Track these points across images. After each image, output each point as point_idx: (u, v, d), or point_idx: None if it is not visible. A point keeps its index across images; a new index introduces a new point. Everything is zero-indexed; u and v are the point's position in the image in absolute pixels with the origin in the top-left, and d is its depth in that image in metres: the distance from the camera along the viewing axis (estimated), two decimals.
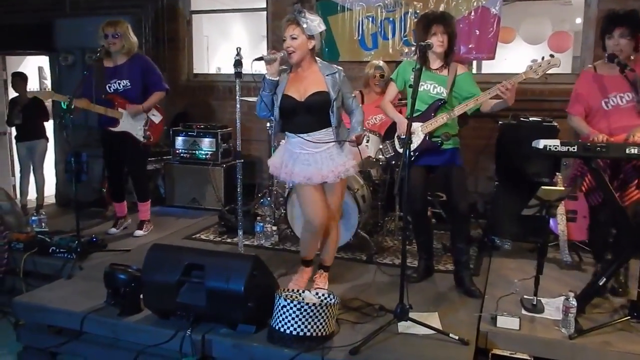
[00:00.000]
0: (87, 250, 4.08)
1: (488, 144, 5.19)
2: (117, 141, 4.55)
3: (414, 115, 3.34)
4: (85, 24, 5.71)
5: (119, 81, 4.48)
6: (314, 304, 2.68)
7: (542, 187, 3.03)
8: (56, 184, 6.36)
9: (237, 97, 3.35)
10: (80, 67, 5.81)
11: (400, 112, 3.90)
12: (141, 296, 3.06)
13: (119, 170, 4.71)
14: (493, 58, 5.48)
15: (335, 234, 3.45)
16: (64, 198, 6.03)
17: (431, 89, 3.35)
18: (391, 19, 5.69)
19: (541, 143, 2.92)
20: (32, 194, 6.24)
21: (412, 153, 3.39)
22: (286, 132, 3.26)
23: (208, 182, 5.54)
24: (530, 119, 4.67)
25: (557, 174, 4.05)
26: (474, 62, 5.89)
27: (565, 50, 7.65)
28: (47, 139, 6.32)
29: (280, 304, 2.72)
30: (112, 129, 4.49)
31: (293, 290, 3.00)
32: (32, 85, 8.15)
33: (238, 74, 3.30)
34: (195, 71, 6.84)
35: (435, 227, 4.78)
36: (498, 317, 3.00)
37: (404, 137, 3.38)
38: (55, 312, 3.19)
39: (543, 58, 3.15)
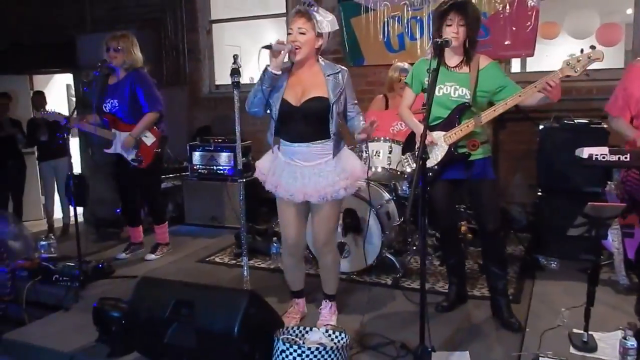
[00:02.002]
0: (92, 278, 3.82)
1: (529, 149, 4.70)
2: (116, 163, 4.31)
3: (435, 123, 2.96)
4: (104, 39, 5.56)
5: (112, 100, 4.21)
6: (317, 349, 2.30)
7: (591, 203, 2.55)
8: None
9: (236, 111, 3.01)
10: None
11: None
12: None
13: (128, 192, 4.44)
14: (532, 55, 4.98)
15: (331, 261, 3.05)
16: (92, 217, 5.87)
17: (452, 91, 2.90)
18: (418, 17, 5.27)
19: (585, 152, 2.46)
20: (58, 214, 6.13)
21: (434, 167, 2.96)
22: (280, 139, 2.91)
23: (227, 199, 5.23)
24: (576, 121, 4.14)
25: (609, 182, 3.51)
26: (516, 60, 5.37)
27: (616, 43, 6.99)
28: (70, 156, 6.18)
29: (278, 348, 2.35)
30: (107, 150, 4.25)
31: (297, 328, 2.61)
32: (62, 103, 8.15)
33: (236, 84, 2.97)
34: (217, 82, 6.60)
35: (471, 243, 4.34)
36: (541, 358, 2.54)
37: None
38: (43, 351, 2.93)
39: (582, 51, 2.67)
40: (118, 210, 4.87)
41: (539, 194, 4.23)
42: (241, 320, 2.35)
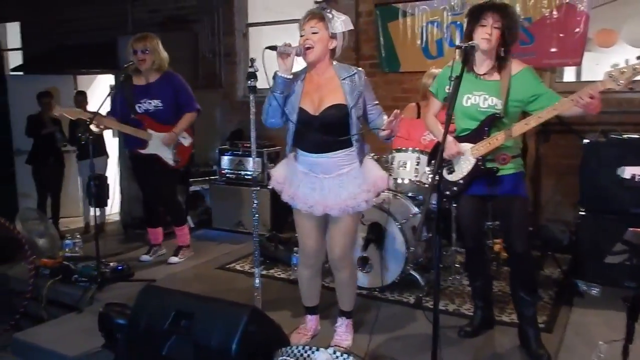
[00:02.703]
0: (110, 280, 3.79)
1: (573, 165, 4.38)
2: (147, 164, 4.26)
3: (463, 134, 2.75)
4: None
5: (150, 101, 4.17)
6: None
7: (631, 229, 2.29)
8: (120, 203, 6.26)
9: (251, 117, 2.89)
10: None
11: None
12: None
13: (151, 193, 4.41)
14: (579, 64, 4.68)
15: (347, 276, 2.88)
16: (127, 216, 5.91)
17: (481, 101, 2.68)
18: (458, 22, 5.03)
19: (627, 171, 2.23)
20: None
21: (459, 182, 2.75)
22: (297, 148, 2.76)
23: (253, 204, 5.12)
24: (624, 135, 3.81)
25: None
26: (570, 69, 5.06)
27: None
28: (107, 156, 6.28)
29: None
30: (141, 151, 4.20)
31: (302, 347, 2.46)
32: (105, 103, 8.29)
33: (252, 89, 2.85)
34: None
35: (506, 262, 4.06)
36: None
37: (449, 160, 2.78)
38: (47, 353, 2.90)
39: (627, 62, 2.39)
40: None
41: (581, 213, 3.92)
42: (240, 338, 2.22)
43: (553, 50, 4.71)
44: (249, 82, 2.82)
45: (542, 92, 2.64)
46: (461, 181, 2.76)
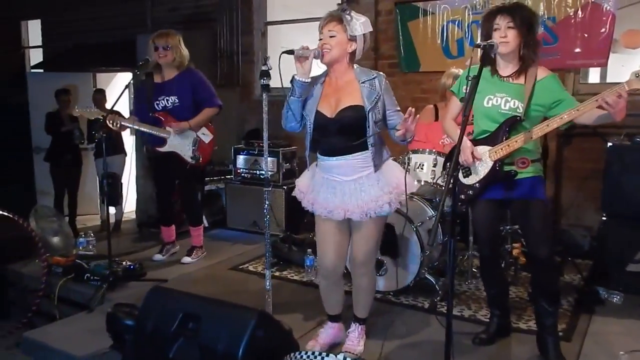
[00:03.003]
0: (122, 279, 3.77)
1: (596, 169, 4.27)
2: (165, 161, 4.24)
3: (481, 137, 2.67)
4: None
5: (167, 97, 4.15)
6: None
7: None
8: (137, 201, 6.27)
9: (264, 116, 2.84)
10: None
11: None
12: None
13: (167, 192, 4.40)
14: (605, 65, 4.53)
15: (367, 283, 2.81)
16: (144, 215, 5.91)
17: (502, 103, 2.60)
18: (480, 21, 4.89)
19: None
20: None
21: (475, 185, 2.67)
22: (317, 154, 2.71)
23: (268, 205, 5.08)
24: None
25: None
26: (595, 71, 4.91)
27: None
28: (125, 154, 6.29)
29: None
30: (160, 149, 4.18)
31: (312, 353, 2.40)
32: (124, 101, 8.35)
33: (265, 87, 2.80)
34: (271, 86, 6.48)
35: (524, 267, 3.95)
36: None
37: (466, 164, 2.69)
38: (56, 353, 2.89)
39: None
40: None
41: (604, 218, 3.80)
42: (247, 343, 2.16)
43: (577, 50, 4.58)
44: (262, 80, 2.78)
45: (564, 98, 2.55)
46: (477, 185, 2.67)
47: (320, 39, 2.57)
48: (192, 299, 2.49)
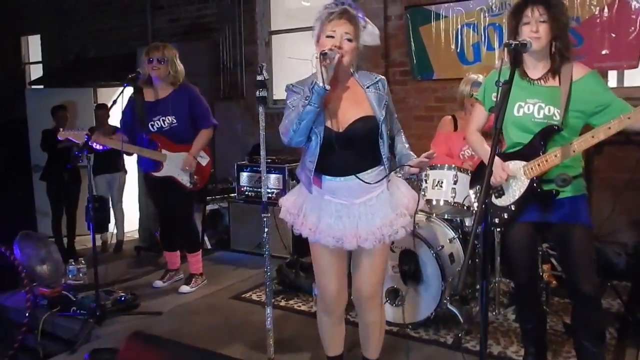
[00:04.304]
0: (112, 313, 3.44)
1: (633, 179, 3.88)
2: (161, 186, 3.91)
3: (514, 150, 2.32)
4: None
5: (163, 118, 3.81)
6: None
7: None
8: (139, 220, 5.96)
9: (261, 132, 2.51)
10: None
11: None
12: None
13: (169, 216, 4.07)
14: (636, 66, 4.16)
15: (376, 318, 2.44)
16: (146, 233, 5.60)
17: (535, 110, 2.24)
18: (497, 24, 4.58)
19: None
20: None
21: (510, 207, 2.30)
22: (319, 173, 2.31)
23: (274, 225, 4.74)
24: None
25: None
26: (612, 72, 4.54)
27: None
28: (125, 172, 6.00)
29: None
30: (156, 174, 3.85)
31: None
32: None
33: (261, 100, 2.47)
34: (275, 97, 6.19)
35: (555, 291, 3.57)
36: None
37: (497, 185, 2.33)
38: None
39: None
40: (157, 234, 4.52)
41: None
42: None
43: (605, 52, 4.22)
44: (258, 92, 2.46)
45: (610, 102, 2.19)
46: (512, 207, 2.31)
47: (331, 36, 2.17)
48: (175, 350, 2.14)
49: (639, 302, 3.34)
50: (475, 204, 2.55)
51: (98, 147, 3.72)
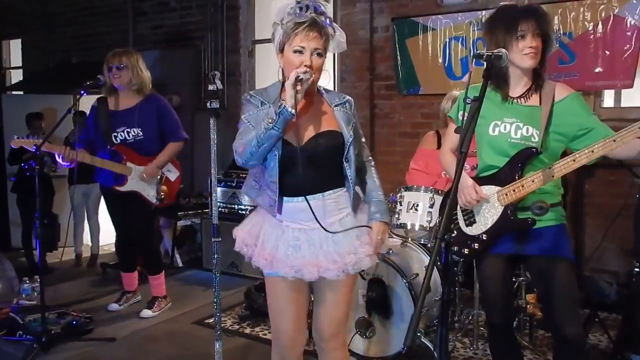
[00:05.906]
0: (60, 338, 3.17)
1: (626, 205, 3.64)
2: (123, 201, 3.66)
3: (487, 174, 2.09)
4: (146, 58, 5.11)
5: (128, 130, 3.58)
6: None
7: None
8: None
9: (212, 149, 2.29)
10: None
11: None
12: None
13: (127, 235, 3.81)
14: (630, 86, 3.95)
15: (341, 359, 2.17)
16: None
17: (513, 130, 2.02)
18: (485, 28, 4.36)
19: None
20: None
21: (482, 237, 2.07)
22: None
23: None
24: None
25: None
26: (609, 92, 4.33)
27: None
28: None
29: None
30: (119, 188, 3.61)
31: None
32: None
33: (213, 112, 2.25)
34: None
35: (541, 324, 3.32)
36: None
37: (469, 208, 2.10)
38: None
39: None
40: None
41: (636, 269, 3.17)
42: None
43: (598, 70, 4.01)
44: (209, 103, 2.24)
45: (593, 126, 1.97)
46: (484, 236, 2.07)
47: (299, 51, 1.92)
48: None
49: (628, 340, 3.09)
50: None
51: (64, 163, 3.48)
